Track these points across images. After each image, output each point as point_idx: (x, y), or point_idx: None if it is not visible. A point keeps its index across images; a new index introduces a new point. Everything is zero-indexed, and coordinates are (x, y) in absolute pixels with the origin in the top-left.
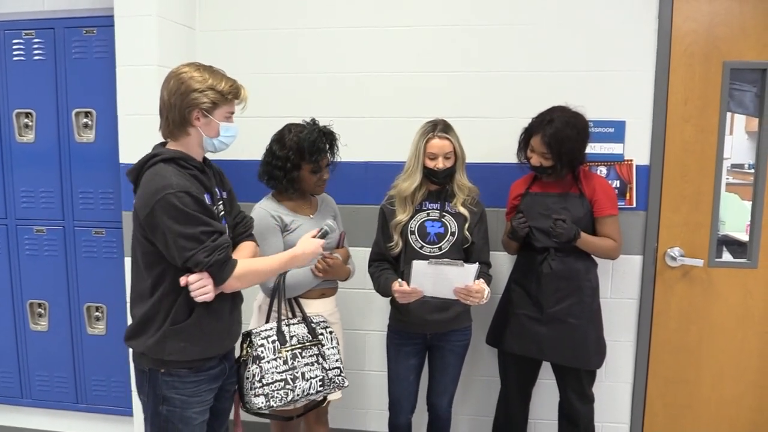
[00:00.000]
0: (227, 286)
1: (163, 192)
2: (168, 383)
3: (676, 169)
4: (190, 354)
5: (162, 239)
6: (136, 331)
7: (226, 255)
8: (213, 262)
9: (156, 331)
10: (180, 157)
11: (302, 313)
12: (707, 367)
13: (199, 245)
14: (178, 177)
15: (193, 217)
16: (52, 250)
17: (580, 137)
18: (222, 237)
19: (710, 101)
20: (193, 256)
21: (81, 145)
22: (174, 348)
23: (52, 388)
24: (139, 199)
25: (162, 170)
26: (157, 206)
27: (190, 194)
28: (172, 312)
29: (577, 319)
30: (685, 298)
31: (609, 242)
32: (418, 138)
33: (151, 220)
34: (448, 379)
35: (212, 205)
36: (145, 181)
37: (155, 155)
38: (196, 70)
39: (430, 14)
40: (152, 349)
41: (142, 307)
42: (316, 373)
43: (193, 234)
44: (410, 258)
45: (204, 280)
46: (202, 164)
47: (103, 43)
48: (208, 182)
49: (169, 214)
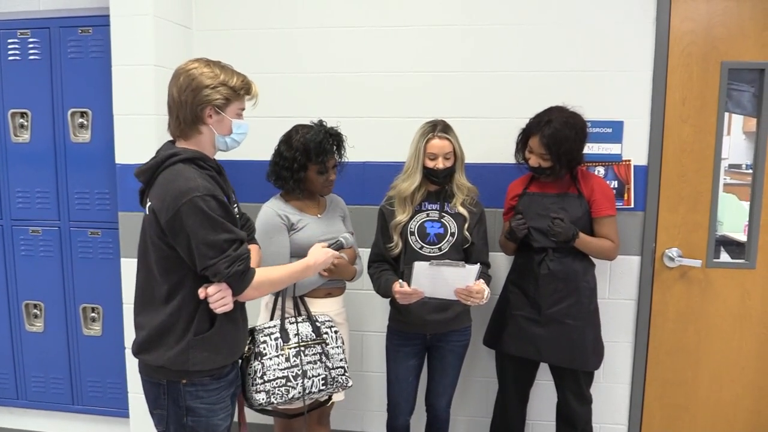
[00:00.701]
0: (245, 296)
1: (191, 194)
2: (192, 393)
3: (674, 170)
4: (214, 362)
5: (184, 244)
6: (151, 343)
7: (246, 265)
8: (233, 273)
9: (177, 342)
10: (199, 157)
11: (307, 311)
12: (705, 368)
13: (221, 254)
14: (203, 179)
15: (219, 223)
16: (48, 250)
17: (578, 137)
18: (243, 246)
19: (708, 101)
20: (213, 265)
21: (77, 145)
22: (198, 358)
23: (48, 389)
24: (159, 200)
25: (185, 171)
26: (184, 209)
27: (216, 198)
28: (195, 322)
29: (574, 320)
30: (683, 299)
31: (607, 243)
32: (417, 138)
33: (174, 224)
34: (447, 380)
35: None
36: (166, 181)
37: (174, 154)
38: (206, 66)
39: (428, 14)
40: (174, 361)
41: (156, 316)
42: (319, 371)
43: (216, 241)
44: (410, 259)
45: (223, 291)
46: (218, 165)
47: (99, 42)
48: (224, 184)
49: (196, 218)
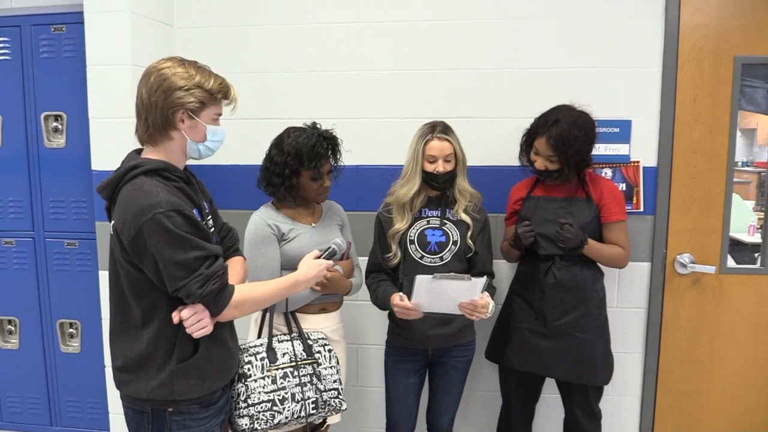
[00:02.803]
0: (224, 315)
1: (153, 211)
2: (179, 423)
3: (685, 171)
4: (201, 389)
5: (151, 265)
6: (129, 373)
7: (221, 283)
8: (207, 293)
9: (158, 371)
10: (164, 167)
11: (299, 328)
12: (719, 378)
13: (192, 274)
14: (166, 192)
15: (186, 240)
16: (22, 263)
17: (587, 138)
18: (217, 262)
19: (721, 98)
20: (184, 287)
21: (51, 151)
22: (184, 388)
23: (24, 409)
24: (120, 219)
25: (146, 185)
26: (146, 227)
27: (182, 213)
28: (176, 348)
29: (583, 332)
30: (696, 307)
31: (617, 250)
32: (416, 140)
33: (137, 244)
34: (450, 397)
35: (202, 222)
36: (127, 198)
37: (135, 166)
38: (180, 66)
39: (427, 8)
40: (157, 392)
41: (133, 344)
42: (309, 394)
43: (185, 260)
44: (409, 269)
45: (199, 313)
46: (186, 174)
47: (73, 41)
48: (195, 195)
49: (161, 236)
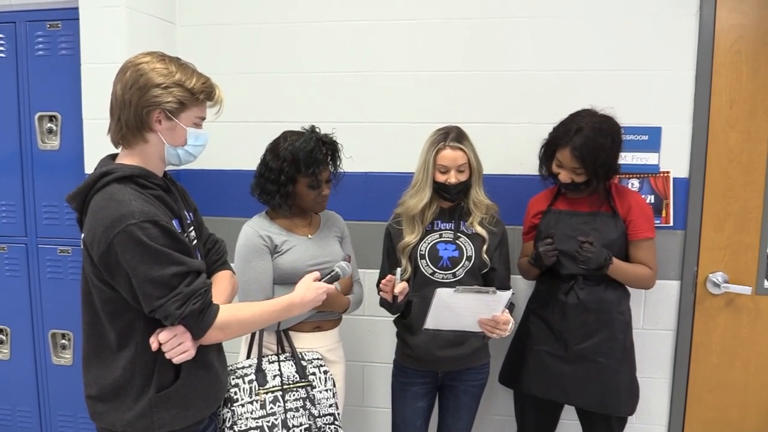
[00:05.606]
0: (208, 338)
1: (125, 222)
2: None
3: (720, 183)
4: (185, 420)
5: (124, 283)
6: (104, 403)
7: (203, 302)
8: (187, 314)
9: (135, 401)
10: (139, 174)
11: (291, 348)
12: (754, 407)
13: (170, 292)
14: (140, 201)
15: (163, 255)
16: (14, 269)
17: (614, 144)
18: (198, 279)
19: (759, 104)
20: (161, 307)
21: (45, 153)
22: (164, 419)
23: (15, 422)
24: (90, 232)
25: (118, 193)
26: (117, 241)
27: (158, 224)
28: (155, 374)
29: (607, 358)
30: (729, 330)
31: (644, 270)
32: (427, 148)
33: (108, 260)
34: (460, 423)
35: (183, 233)
36: (97, 209)
37: (106, 173)
38: (159, 61)
39: (441, 5)
40: (135, 424)
41: (108, 371)
42: (301, 420)
43: (162, 277)
44: (420, 286)
45: (179, 336)
46: (165, 181)
47: (69, 38)
48: (175, 204)
49: (134, 251)
